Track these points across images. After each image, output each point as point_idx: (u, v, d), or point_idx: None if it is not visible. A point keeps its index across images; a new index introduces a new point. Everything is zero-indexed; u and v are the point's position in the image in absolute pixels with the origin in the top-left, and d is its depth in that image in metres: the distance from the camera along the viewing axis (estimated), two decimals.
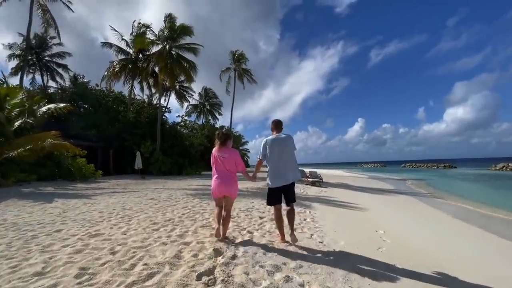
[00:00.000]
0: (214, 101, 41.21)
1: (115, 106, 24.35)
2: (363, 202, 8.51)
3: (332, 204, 7.79)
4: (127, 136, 21.97)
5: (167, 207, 5.91)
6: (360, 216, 6.35)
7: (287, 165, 3.37)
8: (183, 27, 21.01)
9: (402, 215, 7.17)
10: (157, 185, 12.86)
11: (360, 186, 15.49)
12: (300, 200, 8.14)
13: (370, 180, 21.89)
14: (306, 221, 5.03)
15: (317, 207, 7.00)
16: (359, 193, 11.57)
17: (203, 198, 7.40)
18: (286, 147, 3.40)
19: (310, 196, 9.29)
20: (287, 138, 3.44)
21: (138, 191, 9.53)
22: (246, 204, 6.55)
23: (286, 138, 3.43)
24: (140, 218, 4.65)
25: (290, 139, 3.45)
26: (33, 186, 11.30)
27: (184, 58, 21.77)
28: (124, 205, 6.09)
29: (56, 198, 7.55)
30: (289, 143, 3.43)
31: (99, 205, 6.17)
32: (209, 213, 5.23)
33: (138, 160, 18.63)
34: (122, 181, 15.22)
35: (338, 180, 19.31)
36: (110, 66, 22.86)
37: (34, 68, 26.21)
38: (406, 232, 5.06)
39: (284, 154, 3.38)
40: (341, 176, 26.23)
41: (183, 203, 6.55)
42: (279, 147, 3.38)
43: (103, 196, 8.03)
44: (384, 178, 25.86)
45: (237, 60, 33.22)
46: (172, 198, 7.46)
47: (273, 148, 3.38)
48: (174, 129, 26.16)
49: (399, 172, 40.74)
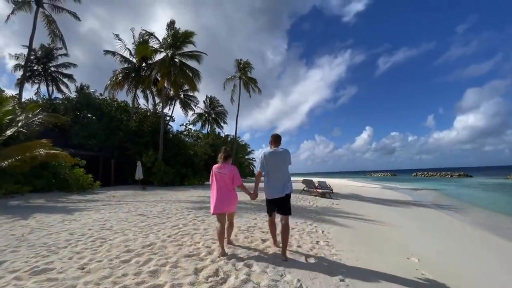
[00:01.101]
0: (219, 110, 40.76)
1: (118, 115, 23.98)
2: (382, 217, 7.46)
3: (347, 218, 6.78)
4: (129, 146, 21.42)
5: (154, 225, 5.04)
6: (383, 235, 5.33)
7: (282, 178, 3.48)
8: (186, 33, 20.69)
9: (434, 234, 6.09)
10: (156, 196, 12.04)
11: (374, 197, 14.32)
12: (310, 214, 7.16)
13: (383, 190, 20.59)
14: (319, 246, 4.06)
15: (330, 223, 6.01)
16: (375, 206, 10.46)
17: (199, 213, 6.51)
18: (283, 161, 3.54)
19: (321, 209, 8.28)
20: (284, 153, 3.56)
21: (132, 204, 8.70)
22: (247, 221, 5.62)
23: (283, 153, 3.55)
24: (115, 242, 3.78)
25: (287, 154, 3.58)
26: (24, 199, 10.64)
27: (187, 66, 21.36)
28: (105, 223, 5.25)
29: (38, 213, 6.78)
30: (286, 158, 3.56)
31: (77, 222, 5.35)
32: (201, 234, 4.34)
33: (139, 170, 17.93)
34: (121, 192, 14.48)
35: (348, 191, 18.13)
36: (113, 75, 22.61)
37: (40, 79, 26.28)
38: (449, 262, 4.03)
39: (279, 168, 3.51)
40: (351, 186, 24.93)
41: (175, 220, 5.67)
42: (276, 161, 3.51)
43: (89, 210, 7.22)
44: (398, 188, 24.46)
45: (242, 69, 32.82)
46: (164, 213, 6.59)
47: (270, 161, 3.52)
48: (178, 138, 25.55)
49: (411, 182, 38.97)
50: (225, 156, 3.62)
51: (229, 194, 3.48)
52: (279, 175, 3.48)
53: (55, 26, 17.49)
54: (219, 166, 3.57)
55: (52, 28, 17.46)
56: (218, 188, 3.48)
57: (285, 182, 3.50)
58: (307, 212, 7.46)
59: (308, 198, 11.16)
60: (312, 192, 13.24)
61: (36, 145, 9.66)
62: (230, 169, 3.55)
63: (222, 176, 3.48)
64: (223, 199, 3.43)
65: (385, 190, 20.95)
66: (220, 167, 3.56)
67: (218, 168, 3.57)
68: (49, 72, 26.08)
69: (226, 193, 3.46)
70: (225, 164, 3.58)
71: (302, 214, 7.10)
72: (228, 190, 3.48)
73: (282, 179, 3.48)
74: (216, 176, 3.53)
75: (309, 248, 3.86)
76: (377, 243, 4.68)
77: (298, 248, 3.77)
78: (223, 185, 3.48)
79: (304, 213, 7.35)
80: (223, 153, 3.66)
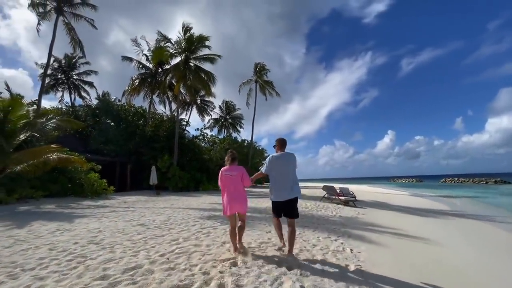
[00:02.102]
0: (235, 114, 40.39)
1: (135, 120, 24.17)
2: (420, 231, 6.29)
3: (379, 233, 5.72)
4: (145, 151, 21.36)
5: (151, 239, 4.33)
6: (430, 256, 4.25)
7: (289, 181, 3.53)
8: (201, 37, 20.47)
9: (491, 255, 4.88)
10: (167, 203, 11.51)
11: (404, 206, 12.88)
12: (334, 226, 6.17)
13: (412, 198, 18.83)
14: (350, 271, 3.12)
15: (360, 239, 5.01)
16: (408, 217, 9.18)
17: (205, 224, 5.75)
18: (290, 165, 3.59)
19: (346, 220, 7.23)
20: (291, 157, 3.63)
21: (139, 211, 8.15)
22: (260, 236, 4.76)
23: (290, 157, 3.63)
24: (94, 263, 3.09)
25: (293, 158, 3.65)
26: (36, 204, 10.50)
27: (202, 69, 21.10)
28: (98, 234, 4.62)
29: (39, 220, 6.37)
30: (292, 161, 3.63)
31: (69, 233, 4.78)
32: (201, 254, 3.56)
33: (153, 175, 17.67)
34: (134, 198, 14.16)
35: (373, 198, 16.67)
36: (131, 81, 22.87)
37: (63, 87, 27.26)
38: None
39: (287, 171, 3.56)
40: (375, 193, 23.22)
41: (177, 232, 4.94)
42: (283, 165, 3.57)
43: (91, 218, 6.72)
44: (427, 195, 22.43)
45: (258, 72, 32.29)
46: (168, 223, 5.90)
47: (277, 165, 3.59)
48: (193, 142, 25.27)
49: (441, 188, 36.08)
50: (232, 158, 3.67)
51: (239, 194, 3.55)
52: (286, 178, 3.53)
53: (74, 33, 17.87)
54: (228, 168, 3.64)
55: (72, 35, 17.86)
56: (228, 190, 3.54)
57: (292, 185, 3.54)
58: (330, 224, 6.47)
59: (330, 207, 10.10)
60: (334, 199, 12.12)
61: (45, 150, 9.47)
62: (239, 170, 3.62)
63: (231, 178, 3.56)
64: (234, 200, 3.49)
65: (414, 197, 19.16)
66: (229, 169, 3.62)
67: (227, 170, 3.63)
68: (72, 80, 26.99)
69: (237, 194, 3.53)
70: (232, 166, 3.65)
71: (325, 226, 6.13)
72: (238, 191, 3.56)
73: (289, 183, 3.53)
74: (226, 178, 3.58)
75: (338, 275, 2.94)
76: (427, 268, 3.64)
77: (324, 278, 2.86)
78: (233, 187, 3.55)
79: (327, 224, 6.37)
80: (230, 155, 3.71)
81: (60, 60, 26.24)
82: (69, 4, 17.48)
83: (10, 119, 9.87)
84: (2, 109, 9.65)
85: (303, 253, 3.81)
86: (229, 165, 3.66)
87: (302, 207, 9.78)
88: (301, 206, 9.97)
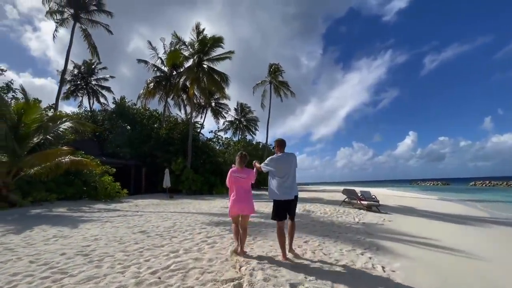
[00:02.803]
0: (250, 117, 39.98)
1: (150, 123, 24.34)
2: (462, 242, 5.35)
3: (413, 245, 4.88)
4: (159, 153, 21.33)
5: (147, 250, 3.82)
6: (485, 278, 3.41)
7: (290, 181, 3.56)
8: (214, 39, 20.23)
9: None
10: (178, 206, 11.13)
11: (435, 211, 11.68)
12: (359, 236, 5.39)
13: (442, 202, 17.32)
14: None
15: (391, 252, 4.23)
16: (442, 224, 8.14)
17: (212, 232, 5.18)
18: (291, 165, 3.63)
19: (370, 228, 6.40)
20: (292, 157, 3.69)
21: (146, 216, 7.77)
22: (272, 247, 4.11)
23: (291, 157, 3.68)
24: (72, 281, 2.59)
25: (294, 157, 3.71)
26: (49, 207, 10.48)
27: (215, 70, 20.84)
28: (92, 243, 4.18)
29: (43, 224, 6.12)
30: (293, 161, 3.67)
31: (64, 240, 4.39)
32: (200, 271, 2.95)
33: (167, 178, 17.48)
34: (146, 201, 13.96)
35: (397, 202, 15.44)
36: (145, 84, 23.06)
37: (83, 92, 28.11)
38: None
39: (289, 171, 3.58)
40: (399, 197, 21.72)
41: (178, 241, 4.41)
42: (285, 165, 3.59)
43: (96, 223, 6.37)
44: (458, 199, 20.66)
45: (273, 73, 31.70)
46: (172, 230, 5.39)
47: (279, 165, 3.59)
48: (206, 145, 25.04)
49: (472, 192, 33.47)
50: (243, 160, 3.66)
51: (247, 197, 3.59)
52: (289, 178, 3.56)
53: (91, 39, 18.21)
54: (238, 170, 3.63)
55: (89, 41, 18.20)
56: (237, 191, 3.56)
57: (294, 185, 3.60)
58: (353, 233, 5.69)
59: (351, 212, 9.22)
60: (355, 204, 11.19)
61: (56, 152, 9.36)
62: (248, 172, 3.65)
63: (241, 180, 3.57)
64: (241, 202, 3.53)
65: (443, 202, 17.63)
66: (238, 171, 3.62)
67: (237, 172, 3.62)
68: (90, 86, 27.76)
69: (244, 196, 3.57)
70: (243, 168, 3.64)
71: (347, 235, 5.36)
72: (246, 194, 3.59)
73: (291, 182, 3.57)
74: (235, 180, 3.58)
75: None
76: None
77: None
78: (242, 189, 3.58)
79: (350, 233, 5.60)
80: (242, 157, 3.68)
81: (80, 66, 27.09)
82: (86, 11, 17.85)
83: (23, 122, 9.90)
84: (16, 112, 9.68)
85: (324, 271, 3.12)
86: (240, 167, 3.63)
87: (321, 212, 9.00)
88: (319, 211, 9.19)
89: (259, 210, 9.29)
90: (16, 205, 9.98)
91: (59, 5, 16.65)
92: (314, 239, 4.93)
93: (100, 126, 24.63)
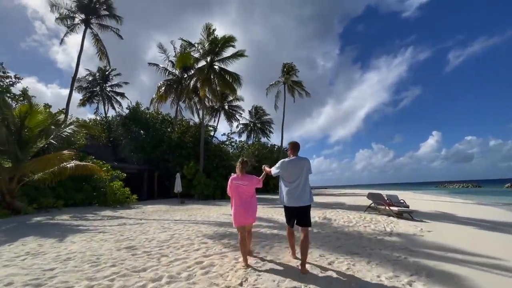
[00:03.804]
0: (265, 119, 39.04)
1: (163, 128, 24.06)
2: None
3: (472, 266, 3.67)
4: (171, 158, 20.86)
5: (122, 276, 2.93)
6: None
7: (301, 187, 3.36)
8: (225, 39, 19.58)
9: None
10: (186, 213, 10.36)
11: (479, 218, 10.03)
12: (397, 253, 4.23)
13: (483, 207, 15.34)
14: None
15: (447, 278, 3.09)
16: (497, 235, 6.68)
17: (212, 249, 4.24)
18: (302, 169, 3.41)
19: (408, 241, 5.19)
20: (303, 161, 3.46)
21: (145, 225, 6.99)
22: (284, 280, 3.09)
23: (302, 161, 3.45)
24: None
25: (306, 162, 3.47)
26: (54, 214, 10.08)
27: (226, 71, 20.16)
28: (58, 266, 3.38)
29: (31, 235, 5.51)
30: (305, 166, 3.44)
31: (33, 259, 3.66)
32: None
33: (178, 183, 16.86)
34: (155, 207, 13.34)
35: (429, 207, 13.75)
36: (157, 88, 22.83)
37: (98, 99, 28.49)
38: None
39: (299, 176, 3.39)
40: (429, 201, 19.75)
41: (168, 261, 3.50)
42: (295, 169, 3.41)
43: (86, 234, 5.65)
44: (500, 203, 18.41)
45: (287, 73, 30.61)
46: (166, 245, 4.51)
47: (289, 170, 3.44)
48: (219, 148, 24.33)
49: (510, 195, 30.32)
50: (244, 167, 3.56)
51: (250, 205, 3.48)
52: (299, 183, 3.36)
53: (101, 44, 18.16)
54: (239, 178, 3.53)
55: (99, 46, 18.16)
56: (239, 201, 3.45)
57: (306, 191, 3.38)
58: (389, 249, 4.52)
59: (380, 220, 7.95)
60: (381, 210, 9.85)
61: (55, 157, 8.87)
62: (250, 179, 3.53)
63: (243, 188, 3.46)
64: (245, 212, 3.42)
65: (484, 207, 15.62)
66: (240, 178, 3.52)
67: (238, 179, 3.52)
68: (105, 92, 28.10)
69: (247, 205, 3.45)
70: (244, 175, 3.54)
71: (383, 254, 4.21)
72: (249, 202, 3.48)
73: (302, 188, 3.36)
74: (237, 188, 3.47)
75: None
76: None
77: None
78: (244, 197, 3.46)
79: (384, 250, 4.44)
80: (243, 163, 3.58)
81: (95, 73, 27.52)
82: (97, 16, 17.85)
83: (27, 126, 9.56)
84: (19, 116, 9.35)
85: None
86: (240, 174, 3.52)
87: (344, 220, 7.82)
88: (343, 219, 8.01)
89: (272, 217, 8.27)
90: (20, 212, 9.62)
91: (70, 10, 16.72)
92: (340, 258, 3.86)
93: (114, 131, 24.72)
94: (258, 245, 4.49)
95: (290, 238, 3.65)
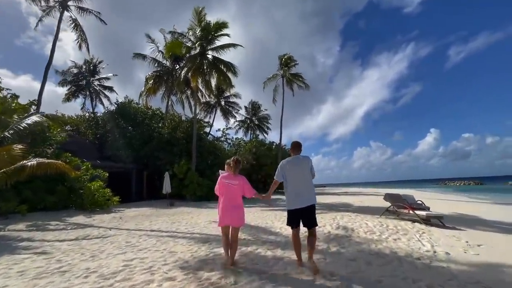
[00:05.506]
0: (262, 115, 37.43)
1: (153, 123, 22.36)
2: None
3: None
4: (161, 155, 19.19)
5: None
6: None
7: (304, 187, 3.30)
8: (218, 24, 17.92)
9: None
10: (171, 219, 8.78)
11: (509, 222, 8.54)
12: None
13: (505, 207, 13.90)
14: None
15: None
16: None
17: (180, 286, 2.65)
18: (303, 169, 3.36)
19: (463, 264, 3.63)
20: (304, 160, 3.40)
21: (109, 239, 5.38)
22: None
23: (304, 160, 3.40)
24: None
25: (307, 161, 3.41)
26: (13, 221, 8.48)
27: (220, 60, 18.49)
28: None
29: None
30: (306, 165, 3.38)
31: None
32: None
33: (167, 183, 15.22)
34: (138, 211, 11.74)
35: (445, 208, 12.23)
36: (145, 80, 21.11)
37: (85, 93, 26.64)
38: None
39: (301, 176, 3.33)
40: (439, 200, 18.30)
41: None
42: (296, 170, 3.35)
43: (21, 256, 4.05)
44: None
45: (285, 65, 28.95)
46: (109, 281, 2.92)
47: (290, 170, 3.36)
48: (214, 145, 22.69)
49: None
50: (238, 166, 3.43)
51: (238, 206, 3.36)
52: (301, 184, 3.30)
53: (81, 29, 16.41)
54: (230, 176, 3.41)
55: (79, 32, 16.41)
56: (227, 200, 3.33)
57: (309, 191, 3.31)
58: (454, 286, 2.95)
59: (407, 229, 6.37)
60: (401, 214, 8.31)
61: (1, 152, 7.22)
62: (241, 180, 3.41)
63: (232, 187, 3.36)
64: (231, 212, 3.29)
65: (509, 207, 14.17)
66: (231, 177, 3.40)
67: (227, 178, 3.41)
68: (93, 86, 26.25)
69: (234, 205, 3.32)
70: (235, 175, 3.42)
71: None
72: (237, 202, 3.37)
73: (304, 188, 3.29)
74: (226, 187, 3.37)
75: None
76: None
77: None
78: (232, 197, 3.35)
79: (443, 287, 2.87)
80: (236, 162, 3.44)
81: (81, 65, 25.67)
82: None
83: None
84: None
85: None
86: (232, 173, 3.40)
87: (364, 230, 6.21)
88: (361, 227, 6.42)
89: (273, 226, 6.70)
90: None
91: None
92: None
93: (101, 128, 22.99)
94: (255, 278, 2.91)
95: (296, 243, 3.35)
